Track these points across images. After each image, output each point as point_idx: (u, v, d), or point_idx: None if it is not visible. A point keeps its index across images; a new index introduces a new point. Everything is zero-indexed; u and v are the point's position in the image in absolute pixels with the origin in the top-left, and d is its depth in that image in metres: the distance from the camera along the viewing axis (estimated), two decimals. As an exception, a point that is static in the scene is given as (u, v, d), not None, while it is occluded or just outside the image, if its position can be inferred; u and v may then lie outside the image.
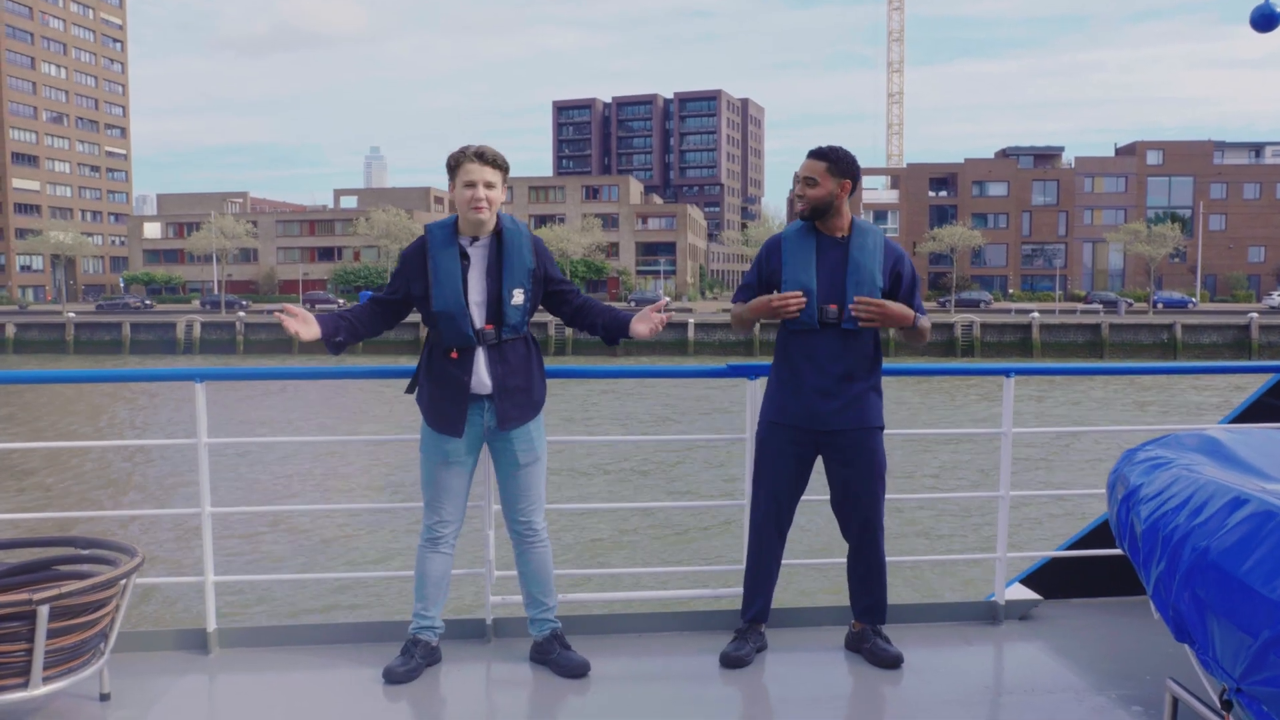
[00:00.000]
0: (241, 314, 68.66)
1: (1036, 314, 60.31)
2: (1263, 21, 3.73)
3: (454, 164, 3.52)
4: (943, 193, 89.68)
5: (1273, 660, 2.11)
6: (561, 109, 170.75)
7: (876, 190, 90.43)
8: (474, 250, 3.59)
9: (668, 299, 3.96)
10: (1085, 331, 58.08)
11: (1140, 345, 57.13)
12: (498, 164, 3.53)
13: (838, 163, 3.70)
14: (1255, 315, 57.87)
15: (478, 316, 3.56)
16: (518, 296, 3.58)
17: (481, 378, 3.59)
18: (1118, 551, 3.05)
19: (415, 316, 3.81)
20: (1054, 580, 4.55)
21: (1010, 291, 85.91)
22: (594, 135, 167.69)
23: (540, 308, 3.75)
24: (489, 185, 3.50)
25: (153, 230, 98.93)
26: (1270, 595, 2.16)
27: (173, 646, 3.94)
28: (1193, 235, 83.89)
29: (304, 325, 3.47)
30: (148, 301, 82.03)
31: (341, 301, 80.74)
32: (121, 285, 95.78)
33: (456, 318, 3.52)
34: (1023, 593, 4.45)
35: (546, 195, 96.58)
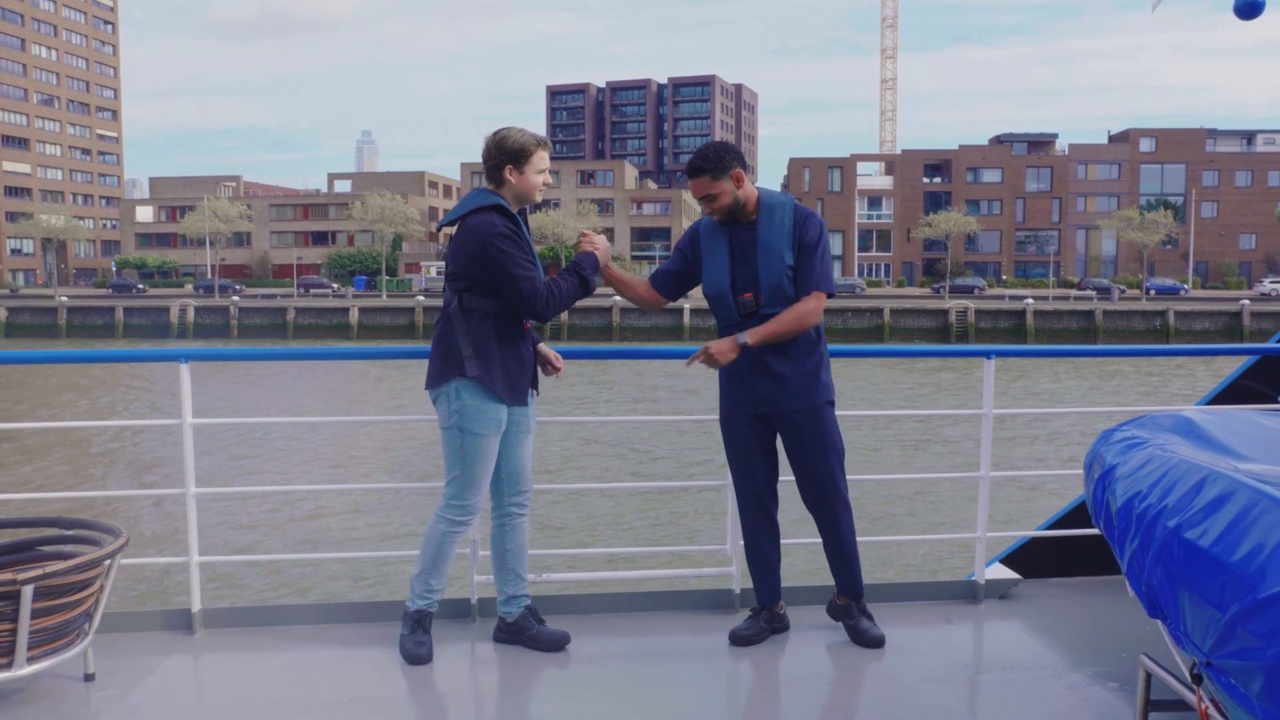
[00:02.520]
0: (235, 298, 68.49)
1: (1030, 300, 60.43)
2: (1247, 9, 3.75)
3: (523, 150, 3.62)
4: (937, 179, 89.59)
5: (1240, 634, 2.13)
6: (555, 94, 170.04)
7: (871, 176, 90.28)
8: (524, 230, 3.75)
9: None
10: (1079, 318, 58.24)
11: (1133, 331, 57.34)
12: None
13: (714, 166, 3.68)
14: (1247, 302, 58.19)
15: None
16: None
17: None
18: (1096, 531, 3.09)
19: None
20: (1033, 560, 4.60)
21: (1004, 278, 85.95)
22: (588, 120, 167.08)
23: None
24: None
25: (145, 214, 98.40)
26: (1237, 570, 2.19)
27: (157, 627, 3.96)
28: (1185, 222, 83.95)
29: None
30: (140, 286, 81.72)
31: (336, 286, 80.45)
32: (114, 269, 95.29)
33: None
34: (1003, 572, 4.49)
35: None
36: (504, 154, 3.60)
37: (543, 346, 3.89)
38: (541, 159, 3.65)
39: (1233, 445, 2.87)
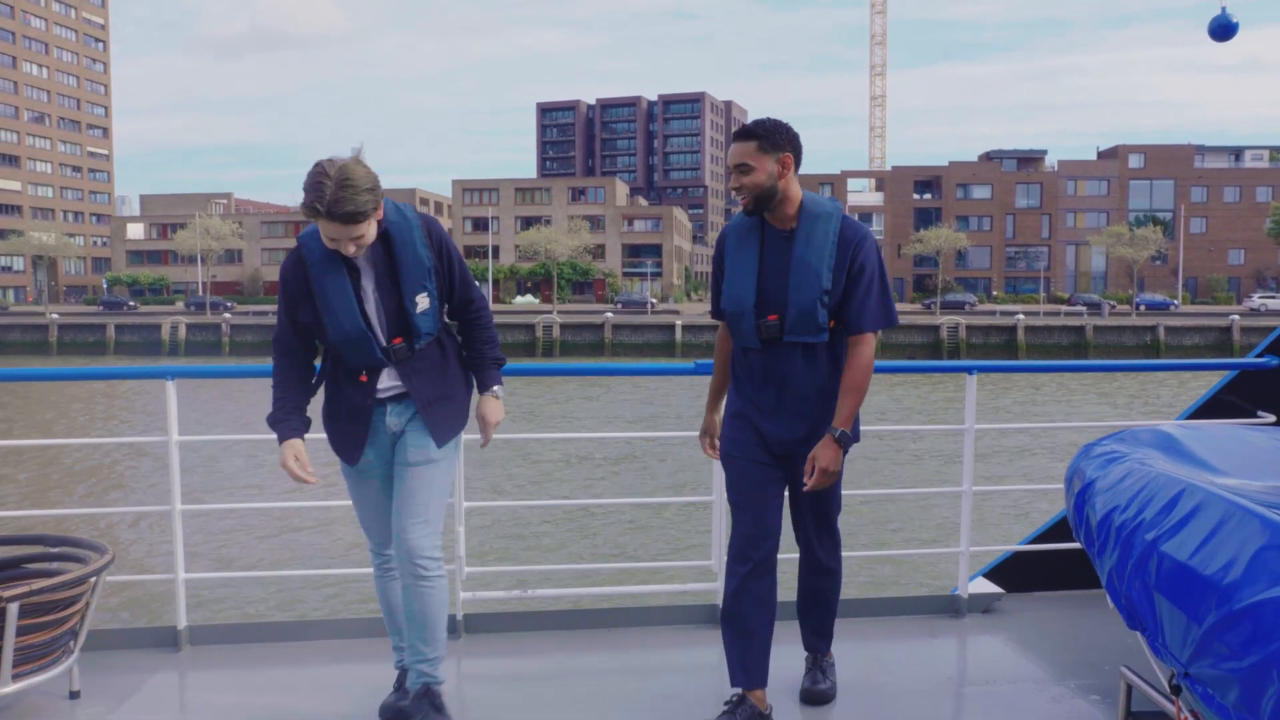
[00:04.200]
0: (227, 315, 68.36)
1: (1021, 316, 60.65)
2: (1220, 31, 3.82)
3: (309, 209, 2.85)
4: (927, 195, 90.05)
5: (1216, 644, 2.16)
6: (545, 110, 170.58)
7: (862, 192, 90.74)
8: (360, 260, 3.04)
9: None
10: (1070, 333, 58.42)
11: (1124, 347, 57.55)
12: (356, 220, 2.85)
13: (769, 136, 3.05)
14: (1236, 317, 58.55)
15: (382, 333, 3.08)
16: (423, 302, 3.06)
17: (391, 386, 3.16)
18: (1077, 545, 3.11)
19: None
20: (1016, 574, 4.62)
21: (994, 294, 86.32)
22: (578, 137, 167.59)
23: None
24: (356, 238, 2.91)
25: (136, 231, 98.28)
26: (1213, 582, 2.21)
27: (143, 644, 3.95)
28: (1174, 238, 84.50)
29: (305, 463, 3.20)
30: (131, 303, 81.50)
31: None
32: (104, 286, 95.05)
33: (359, 343, 3.03)
34: (986, 586, 4.51)
35: (533, 197, 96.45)
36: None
37: (487, 406, 3.25)
38: (324, 226, 2.86)
39: (1210, 459, 2.91)
